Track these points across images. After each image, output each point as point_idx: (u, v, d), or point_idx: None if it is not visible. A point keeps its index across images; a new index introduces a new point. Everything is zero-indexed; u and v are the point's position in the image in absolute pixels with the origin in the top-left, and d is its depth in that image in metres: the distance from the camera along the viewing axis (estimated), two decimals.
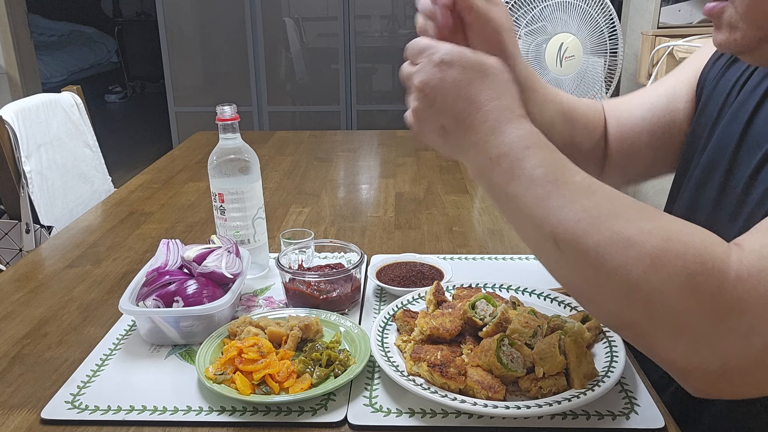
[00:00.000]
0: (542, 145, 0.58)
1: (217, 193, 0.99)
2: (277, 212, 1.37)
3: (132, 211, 1.40)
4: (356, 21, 3.68)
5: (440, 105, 0.60)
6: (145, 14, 6.95)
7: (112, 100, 6.80)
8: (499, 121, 0.58)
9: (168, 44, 3.77)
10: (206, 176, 1.02)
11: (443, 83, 0.59)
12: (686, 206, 0.82)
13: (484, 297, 0.79)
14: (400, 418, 0.70)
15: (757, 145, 0.70)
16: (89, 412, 0.71)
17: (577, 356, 0.71)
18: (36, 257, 1.18)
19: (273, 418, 0.70)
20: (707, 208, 0.77)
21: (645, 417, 0.69)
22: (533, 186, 0.56)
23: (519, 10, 2.27)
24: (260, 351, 0.76)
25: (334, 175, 1.66)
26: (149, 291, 0.86)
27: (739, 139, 0.74)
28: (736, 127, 0.75)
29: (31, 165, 1.66)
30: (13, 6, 3.72)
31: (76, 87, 1.96)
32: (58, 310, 0.96)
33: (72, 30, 6.91)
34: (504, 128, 0.58)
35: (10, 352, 0.85)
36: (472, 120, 0.59)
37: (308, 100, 3.91)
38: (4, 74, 3.73)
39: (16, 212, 1.64)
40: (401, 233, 1.25)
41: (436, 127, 0.61)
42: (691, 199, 0.81)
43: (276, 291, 1.00)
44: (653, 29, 2.66)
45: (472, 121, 0.59)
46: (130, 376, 0.79)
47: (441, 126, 0.61)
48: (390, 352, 0.78)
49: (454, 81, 0.59)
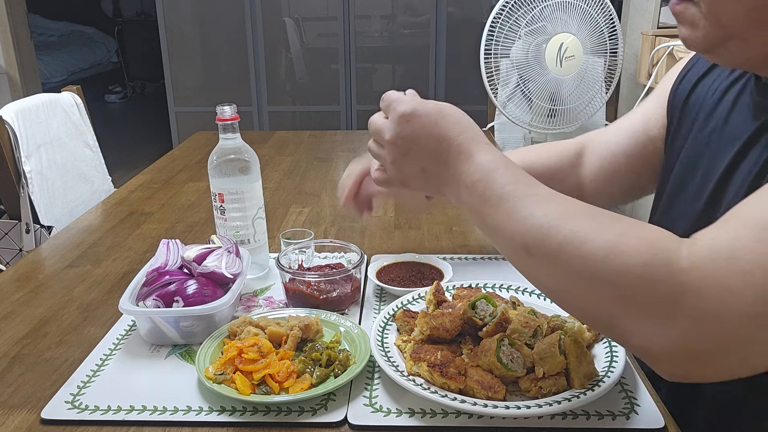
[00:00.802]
0: (508, 166, 0.64)
1: (217, 193, 0.99)
2: (277, 212, 1.37)
3: (132, 211, 1.40)
4: (356, 21, 3.68)
5: (417, 150, 0.67)
6: (145, 14, 6.95)
7: (112, 100, 6.80)
8: (470, 150, 0.65)
9: (168, 44, 3.77)
10: (206, 176, 1.02)
11: (414, 131, 0.67)
12: (662, 215, 0.85)
13: (484, 297, 0.79)
14: (400, 418, 0.70)
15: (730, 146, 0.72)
16: (89, 412, 0.71)
17: (577, 356, 0.71)
18: (36, 257, 1.18)
19: (273, 418, 0.70)
20: (683, 214, 0.79)
21: (645, 417, 0.69)
22: (503, 203, 0.61)
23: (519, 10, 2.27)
24: (260, 351, 0.76)
25: (334, 175, 1.66)
26: (149, 291, 0.86)
27: (712, 146, 0.75)
28: (706, 136, 0.77)
29: (31, 165, 1.66)
30: (13, 6, 3.72)
31: (76, 87, 1.96)
32: (58, 310, 0.96)
33: (72, 30, 6.91)
34: (475, 156, 0.65)
35: (10, 352, 0.85)
36: (447, 155, 0.66)
37: (308, 100, 3.91)
38: (4, 74, 3.74)
39: (16, 212, 1.64)
40: (401, 233, 1.25)
41: (417, 170, 0.68)
42: (667, 208, 0.84)
43: (276, 291, 1.00)
44: (653, 29, 2.66)
45: (447, 156, 0.66)
46: (130, 376, 0.79)
47: (421, 169, 0.68)
48: (390, 352, 0.78)
49: (423, 126, 0.67)
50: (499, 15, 2.27)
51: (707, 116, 0.79)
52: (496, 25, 2.28)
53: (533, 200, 0.60)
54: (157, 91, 6.14)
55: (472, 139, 0.66)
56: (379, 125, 0.70)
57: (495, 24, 2.28)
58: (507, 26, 2.28)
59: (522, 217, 0.60)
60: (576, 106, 2.33)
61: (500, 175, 0.63)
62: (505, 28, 2.28)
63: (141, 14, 7.11)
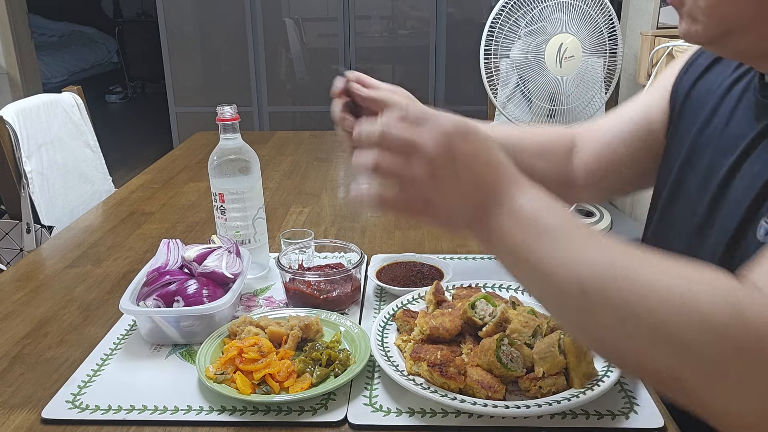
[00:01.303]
0: (551, 198, 0.57)
1: (218, 193, 0.99)
2: (277, 212, 1.37)
3: (132, 211, 1.40)
4: (356, 21, 3.68)
5: (466, 173, 0.56)
6: (146, 14, 6.95)
7: (113, 100, 6.80)
8: (523, 180, 0.57)
9: (168, 44, 3.77)
10: (206, 176, 1.02)
11: (471, 150, 0.56)
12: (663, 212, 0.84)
13: (484, 297, 0.80)
14: (400, 418, 0.70)
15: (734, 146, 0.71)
16: (90, 412, 0.72)
17: (576, 356, 0.72)
18: (37, 257, 1.18)
19: (273, 417, 0.70)
20: (685, 213, 0.78)
21: (644, 416, 0.69)
22: (563, 236, 0.54)
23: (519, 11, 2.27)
24: (260, 351, 0.77)
25: (335, 175, 1.66)
26: (150, 291, 0.87)
27: (714, 144, 0.75)
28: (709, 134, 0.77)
29: (31, 165, 1.66)
30: (14, 6, 3.72)
31: (76, 87, 1.96)
32: (59, 310, 0.96)
33: (72, 30, 6.91)
34: (530, 187, 0.57)
35: (10, 351, 0.86)
36: (497, 182, 0.57)
37: (308, 100, 3.91)
38: (5, 74, 3.74)
39: (16, 212, 1.64)
40: (401, 233, 1.25)
41: (456, 197, 0.56)
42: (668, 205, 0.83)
43: (276, 291, 1.00)
44: (653, 29, 2.66)
45: (497, 184, 0.57)
46: (130, 375, 0.79)
47: (462, 195, 0.56)
48: (390, 351, 0.79)
49: (478, 147, 0.56)
50: (498, 15, 2.27)
51: (710, 114, 0.78)
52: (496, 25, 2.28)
53: (595, 239, 0.54)
54: (157, 91, 6.14)
55: (518, 171, 0.58)
56: (412, 136, 0.55)
57: (495, 24, 2.28)
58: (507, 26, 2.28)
59: (579, 254, 0.53)
60: (575, 106, 2.33)
61: (560, 210, 0.56)
62: (504, 28, 2.28)
63: (141, 14, 7.11)
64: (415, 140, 0.55)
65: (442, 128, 0.55)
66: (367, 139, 0.56)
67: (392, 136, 0.55)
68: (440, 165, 0.55)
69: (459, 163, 0.55)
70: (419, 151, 0.55)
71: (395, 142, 0.55)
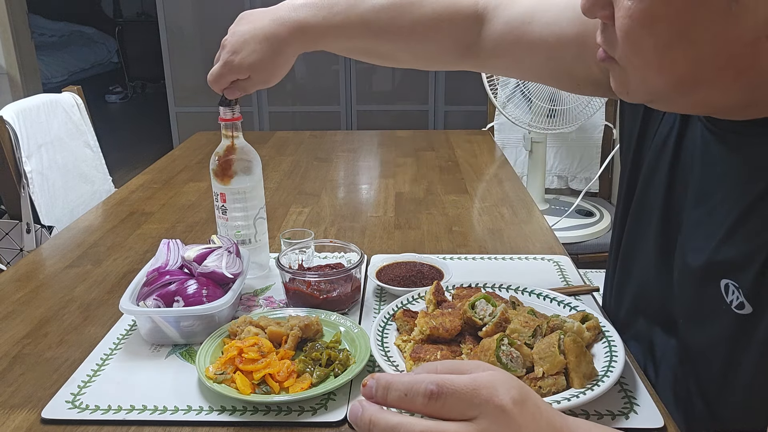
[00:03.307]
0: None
1: (219, 193, 0.99)
2: (277, 212, 1.37)
3: (132, 211, 1.40)
4: None
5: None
6: (146, 14, 6.95)
7: (113, 100, 6.81)
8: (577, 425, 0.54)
9: (168, 44, 3.77)
10: (207, 176, 1.02)
11: (534, 419, 0.51)
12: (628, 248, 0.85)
13: (484, 297, 0.80)
14: None
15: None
16: (90, 412, 0.71)
17: (576, 356, 0.72)
18: (37, 257, 1.18)
19: (273, 417, 0.70)
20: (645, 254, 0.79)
21: (644, 417, 0.69)
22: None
23: None
24: (260, 351, 0.77)
25: (334, 175, 1.66)
26: (150, 291, 0.87)
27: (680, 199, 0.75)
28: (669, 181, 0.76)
29: (31, 165, 1.66)
30: (14, 6, 3.73)
31: (76, 87, 1.97)
32: (59, 310, 0.96)
33: (72, 30, 6.92)
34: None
35: (10, 351, 0.86)
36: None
37: (308, 100, 3.91)
38: (5, 74, 3.74)
39: (16, 212, 1.65)
40: (401, 233, 1.25)
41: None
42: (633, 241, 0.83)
43: (276, 291, 1.00)
44: None
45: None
46: (130, 375, 0.79)
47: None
48: (390, 351, 0.78)
49: (534, 413, 0.51)
50: None
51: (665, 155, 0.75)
52: None
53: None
54: (157, 91, 6.14)
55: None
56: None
57: None
58: None
59: None
60: (575, 106, 2.32)
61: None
62: None
63: (141, 14, 7.12)
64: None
65: (499, 401, 0.48)
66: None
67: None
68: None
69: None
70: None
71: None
